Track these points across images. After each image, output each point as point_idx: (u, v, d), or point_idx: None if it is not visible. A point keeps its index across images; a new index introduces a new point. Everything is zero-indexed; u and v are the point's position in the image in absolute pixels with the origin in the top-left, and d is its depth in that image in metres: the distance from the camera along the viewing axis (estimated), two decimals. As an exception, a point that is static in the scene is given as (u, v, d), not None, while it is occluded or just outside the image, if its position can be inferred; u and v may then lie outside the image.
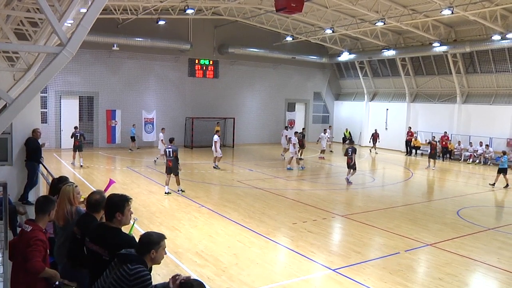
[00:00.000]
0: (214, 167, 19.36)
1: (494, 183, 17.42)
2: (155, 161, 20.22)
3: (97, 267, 3.85)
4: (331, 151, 27.26)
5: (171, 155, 13.82)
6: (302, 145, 23.22)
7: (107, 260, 3.80)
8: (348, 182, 16.83)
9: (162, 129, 20.94)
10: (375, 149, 28.41)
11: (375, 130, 29.36)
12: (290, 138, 22.68)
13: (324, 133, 25.86)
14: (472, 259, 8.83)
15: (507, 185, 17.34)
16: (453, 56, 25.59)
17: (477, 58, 25.05)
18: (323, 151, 24.92)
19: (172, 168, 13.87)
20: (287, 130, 25.96)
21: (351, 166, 16.94)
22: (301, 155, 23.19)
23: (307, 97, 34.16)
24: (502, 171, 17.37)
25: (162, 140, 19.70)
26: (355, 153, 17.04)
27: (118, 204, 4.10)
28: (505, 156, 17.75)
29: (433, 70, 28.00)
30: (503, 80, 24.54)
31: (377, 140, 28.62)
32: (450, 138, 25.93)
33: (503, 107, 24.37)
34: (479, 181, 19.47)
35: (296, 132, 22.02)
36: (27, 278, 4.23)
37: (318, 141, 26.23)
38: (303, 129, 28.30)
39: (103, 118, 25.18)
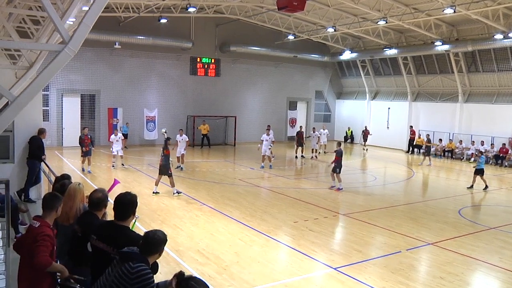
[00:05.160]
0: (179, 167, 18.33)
1: (472, 185, 16.55)
2: (113, 166, 18.46)
3: (103, 265, 3.83)
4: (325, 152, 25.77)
5: (163, 154, 13.41)
6: (301, 144, 23.46)
7: (116, 258, 3.79)
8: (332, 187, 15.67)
9: (115, 130, 19.42)
10: (365, 146, 29.13)
11: (365, 127, 30.13)
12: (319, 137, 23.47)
13: (313, 132, 24.78)
14: (473, 258, 8.82)
15: (486, 186, 16.55)
16: (455, 55, 25.54)
17: (479, 57, 24.99)
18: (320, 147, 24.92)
19: (162, 168, 13.40)
20: (314, 132, 24.76)
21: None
22: (302, 152, 23.52)
23: (309, 95, 34.13)
24: (479, 172, 16.52)
25: (123, 139, 18.63)
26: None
27: (135, 202, 4.14)
28: (482, 156, 17.06)
29: (435, 69, 27.94)
30: (505, 79, 24.48)
31: (367, 137, 29.15)
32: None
33: (505, 106, 24.31)
34: (480, 180, 19.40)
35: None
36: (33, 274, 4.24)
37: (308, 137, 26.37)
38: (300, 127, 27.55)
39: (105, 116, 25.20)
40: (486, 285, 7.74)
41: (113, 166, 18.31)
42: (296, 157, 23.45)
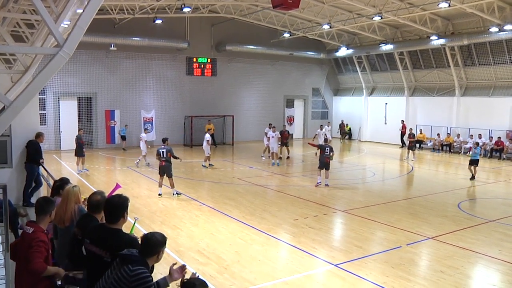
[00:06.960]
0: (203, 165, 19.09)
1: (474, 176, 16.89)
2: (137, 163, 19.09)
3: (96, 269, 3.81)
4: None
5: (164, 156, 13.32)
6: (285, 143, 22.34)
7: (108, 261, 3.75)
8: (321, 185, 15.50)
9: (145, 129, 19.93)
10: (343, 139, 31.97)
11: (342, 121, 33.16)
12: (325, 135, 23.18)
13: (321, 129, 25.59)
14: (473, 251, 8.85)
15: (473, 177, 16.85)
16: (451, 49, 25.57)
17: (475, 50, 25.02)
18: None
19: (165, 170, 13.38)
20: (322, 129, 25.28)
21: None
22: (281, 153, 22.25)
23: (306, 93, 34.14)
24: (474, 162, 16.88)
25: (146, 141, 19.05)
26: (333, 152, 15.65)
27: (125, 204, 4.08)
28: (478, 148, 17.43)
29: (431, 64, 27.97)
30: (502, 72, 24.52)
31: (345, 131, 33.05)
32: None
33: (501, 99, 24.36)
34: (479, 174, 19.46)
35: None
36: (30, 279, 4.25)
37: (314, 137, 26.13)
38: (284, 126, 26.80)
39: (102, 118, 25.17)
40: (487, 278, 7.76)
41: (137, 164, 18.86)
42: (288, 157, 22.52)
